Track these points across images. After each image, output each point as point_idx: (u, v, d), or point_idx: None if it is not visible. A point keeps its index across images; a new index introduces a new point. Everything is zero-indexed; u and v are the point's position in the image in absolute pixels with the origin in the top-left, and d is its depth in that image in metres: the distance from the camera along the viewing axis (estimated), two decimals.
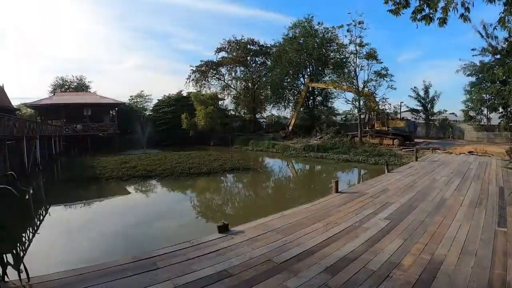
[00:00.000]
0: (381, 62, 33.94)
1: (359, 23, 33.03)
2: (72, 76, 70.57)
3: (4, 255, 4.11)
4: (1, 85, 46.09)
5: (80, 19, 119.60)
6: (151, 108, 60.22)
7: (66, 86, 67.56)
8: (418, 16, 6.97)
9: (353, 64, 35.42)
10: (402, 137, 31.89)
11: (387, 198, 9.85)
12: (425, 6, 6.87)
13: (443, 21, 6.90)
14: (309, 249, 5.85)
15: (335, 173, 23.57)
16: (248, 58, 56.45)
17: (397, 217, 7.72)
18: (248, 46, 55.73)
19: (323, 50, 48.03)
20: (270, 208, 14.44)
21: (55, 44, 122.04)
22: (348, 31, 33.98)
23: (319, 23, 48.89)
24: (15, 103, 53.24)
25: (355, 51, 34.39)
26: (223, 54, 57.55)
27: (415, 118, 43.53)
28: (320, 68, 49.57)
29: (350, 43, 34.76)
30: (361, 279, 4.59)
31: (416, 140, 33.63)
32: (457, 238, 6.26)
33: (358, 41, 33.65)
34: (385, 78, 33.59)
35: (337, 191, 10.98)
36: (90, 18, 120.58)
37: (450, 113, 47.75)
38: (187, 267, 5.13)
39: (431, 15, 6.90)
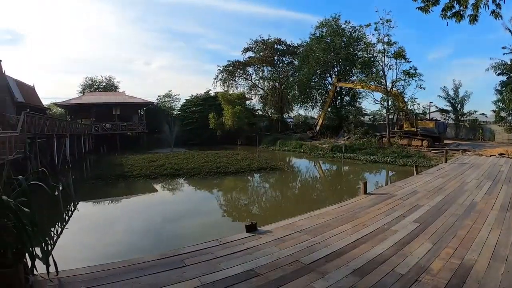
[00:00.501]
0: (410, 61, 33.12)
1: (387, 21, 32.47)
2: (101, 76, 71.89)
3: (33, 249, 4.19)
4: (32, 85, 47.31)
5: (107, 21, 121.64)
6: (178, 108, 61.00)
7: (95, 86, 68.86)
8: (448, 14, 6.84)
9: (381, 63, 34.81)
10: (431, 138, 31.10)
11: (416, 200, 9.72)
12: (455, 3, 6.73)
13: (473, 18, 6.75)
14: (337, 250, 5.79)
15: (363, 174, 23.34)
16: (275, 57, 56.43)
17: (426, 220, 7.60)
18: (275, 46, 55.73)
19: (351, 49, 47.51)
20: (296, 209, 14.46)
21: (83, 45, 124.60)
22: (375, 29, 33.45)
23: (346, 22, 48.51)
24: (45, 102, 54.75)
25: (383, 50, 33.76)
26: (250, 54, 57.80)
27: (445, 119, 42.39)
28: (347, 68, 48.94)
29: (378, 42, 34.18)
30: (389, 283, 4.53)
31: (445, 142, 32.78)
32: (488, 243, 6.10)
33: (386, 39, 33.05)
34: (413, 78, 32.72)
35: (365, 192, 10.87)
36: (117, 20, 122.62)
37: (480, 114, 46.40)
38: (215, 266, 5.13)
39: (461, 12, 6.76)
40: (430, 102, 40.30)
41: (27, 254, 4.17)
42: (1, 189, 4.23)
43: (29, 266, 4.32)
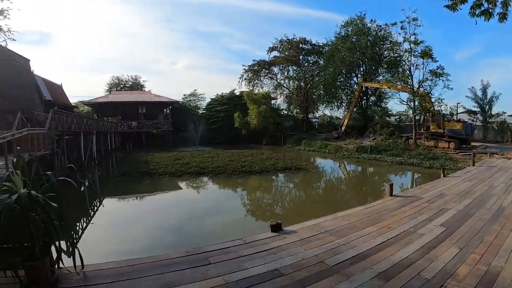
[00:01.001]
0: (437, 61, 32.38)
1: (413, 19, 31.95)
2: (127, 75, 73.00)
3: (60, 243, 4.31)
4: (60, 84, 48.39)
5: (132, 21, 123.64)
6: (204, 107, 61.37)
7: (121, 85, 69.94)
8: (477, 12, 6.76)
9: (407, 63, 34.13)
10: (458, 140, 30.41)
11: (443, 204, 9.60)
12: (484, 0, 6.66)
13: (503, 17, 6.64)
14: (362, 252, 5.78)
15: (388, 176, 23.12)
16: (301, 57, 56.29)
17: (453, 224, 7.50)
18: (300, 45, 55.56)
19: (377, 48, 46.84)
20: (320, 209, 14.49)
21: (110, 46, 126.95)
22: (401, 28, 32.90)
23: (371, 20, 47.86)
24: (73, 101, 55.97)
25: (409, 49, 33.15)
26: (275, 53, 57.76)
27: (472, 120, 41.43)
28: (373, 67, 48.26)
29: (404, 41, 33.60)
30: (415, 287, 4.52)
31: (472, 144, 32.08)
32: None
33: (412, 38, 32.50)
34: (441, 78, 32.09)
35: (391, 194, 10.80)
36: (143, 20, 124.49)
37: (509, 115, 45.15)
38: (239, 264, 5.19)
39: (490, 10, 6.68)
40: (457, 103, 39.35)
41: (53, 248, 4.32)
42: (30, 184, 4.42)
43: (55, 260, 4.46)
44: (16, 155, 5.14)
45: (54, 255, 4.43)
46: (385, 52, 46.39)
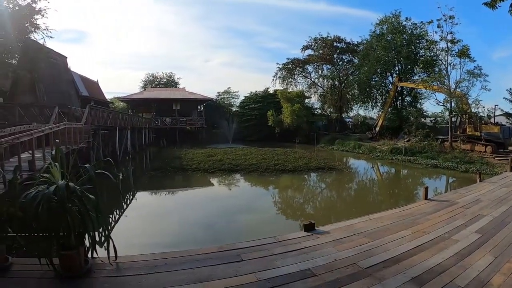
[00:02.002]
0: (474, 61, 31.59)
1: (450, 17, 31.24)
2: (162, 72, 74.27)
3: (95, 234, 4.46)
4: (96, 80, 49.76)
5: (167, 20, 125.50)
6: (237, 104, 61.91)
7: (156, 82, 71.13)
8: None
9: (444, 63, 33.32)
10: (495, 144, 29.30)
11: (479, 210, 9.42)
12: None
13: None
14: (396, 256, 5.70)
15: (422, 179, 22.78)
16: (335, 56, 55.86)
17: (488, 231, 7.34)
18: (334, 44, 55.11)
19: (412, 47, 45.78)
20: (352, 210, 14.54)
21: (145, 43, 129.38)
22: (438, 26, 32.27)
23: (407, 18, 46.80)
24: (108, 97, 57.37)
25: (446, 48, 32.43)
26: (309, 52, 57.48)
27: (510, 124, 40.22)
28: (409, 67, 47.28)
29: (440, 39, 33.00)
30: None
31: (510, 148, 31.15)
32: None
33: (449, 37, 31.80)
34: (478, 78, 31.24)
35: (426, 198, 10.68)
36: (179, 19, 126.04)
37: None
38: (271, 263, 5.16)
39: None
40: (495, 105, 38.43)
41: (87, 238, 4.48)
42: (68, 175, 4.60)
43: (90, 250, 4.62)
44: (55, 147, 5.40)
45: (88, 245, 4.60)
46: (421, 51, 45.58)
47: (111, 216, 12.16)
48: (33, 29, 23.98)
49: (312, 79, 59.59)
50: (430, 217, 8.50)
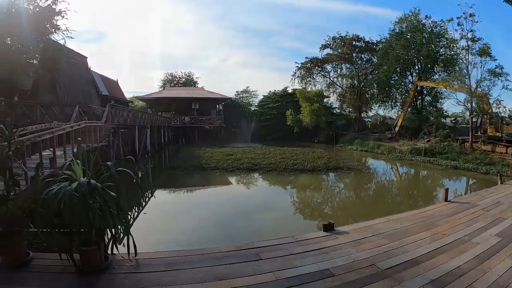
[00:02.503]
0: (495, 59, 31.21)
1: (470, 15, 30.67)
2: (181, 72, 74.79)
3: (115, 230, 4.57)
4: (116, 79, 50.44)
5: (185, 19, 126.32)
6: (256, 104, 61.95)
7: (175, 82, 71.66)
8: None
9: (464, 61, 32.61)
10: None
11: (500, 213, 9.29)
12: None
13: None
14: (415, 258, 5.66)
15: (442, 180, 22.54)
16: (354, 54, 55.52)
17: (509, 235, 7.22)
18: (353, 43, 54.77)
19: (432, 45, 44.91)
20: (371, 211, 14.48)
21: (164, 43, 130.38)
22: (458, 24, 31.85)
23: (426, 16, 46.19)
24: (128, 96, 58.10)
25: (466, 47, 31.81)
26: (328, 51, 57.26)
27: None
28: (429, 66, 46.64)
29: (461, 38, 32.42)
30: None
31: None
32: None
33: (469, 35, 31.27)
34: (499, 77, 30.93)
35: (446, 199, 10.58)
36: (197, 18, 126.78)
37: None
38: (290, 262, 5.16)
39: None
40: None
41: (108, 234, 4.61)
42: (89, 173, 4.71)
43: (110, 246, 4.73)
44: (77, 145, 5.55)
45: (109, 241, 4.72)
46: (441, 50, 45.06)
47: (130, 213, 12.34)
48: (53, 30, 24.46)
49: (331, 79, 59.38)
50: (450, 219, 8.43)
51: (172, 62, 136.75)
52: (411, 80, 47.95)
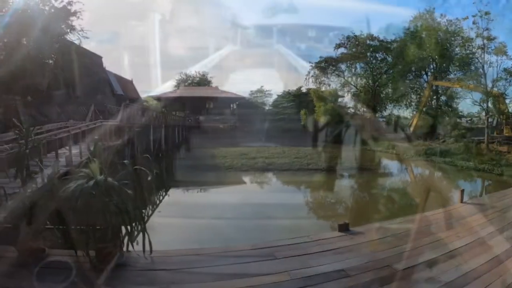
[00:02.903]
0: None
1: (486, 13, 30.17)
2: (195, 71, 74.70)
3: (131, 227, 4.63)
4: (130, 79, 50.76)
5: (200, 19, 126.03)
6: (270, 103, 61.78)
7: (189, 81, 71.77)
8: None
9: (480, 61, 32.52)
10: None
11: None
12: None
13: None
14: (430, 260, 5.60)
15: (457, 181, 22.36)
16: (368, 54, 54.96)
17: None
18: (368, 42, 54.27)
19: (447, 44, 44.33)
20: (386, 212, 14.48)
21: (179, 42, 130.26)
22: (473, 23, 31.57)
23: (441, 15, 45.05)
24: (143, 95, 58.15)
25: (482, 46, 31.67)
26: (342, 50, 56.79)
27: None
28: (444, 65, 46.01)
29: (476, 36, 32.27)
30: None
31: None
32: None
33: (485, 34, 30.91)
34: None
35: (462, 201, 10.47)
36: (211, 16, 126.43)
37: None
38: (305, 262, 5.16)
39: None
40: None
41: (123, 231, 4.70)
42: (106, 171, 4.79)
43: (125, 243, 4.75)
44: (94, 143, 5.65)
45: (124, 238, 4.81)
46: (457, 49, 44.47)
47: (145, 211, 12.50)
48: (68, 30, 24.85)
49: (345, 78, 58.91)
50: (465, 221, 8.37)
51: (187, 62, 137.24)
52: (426, 80, 47.55)
